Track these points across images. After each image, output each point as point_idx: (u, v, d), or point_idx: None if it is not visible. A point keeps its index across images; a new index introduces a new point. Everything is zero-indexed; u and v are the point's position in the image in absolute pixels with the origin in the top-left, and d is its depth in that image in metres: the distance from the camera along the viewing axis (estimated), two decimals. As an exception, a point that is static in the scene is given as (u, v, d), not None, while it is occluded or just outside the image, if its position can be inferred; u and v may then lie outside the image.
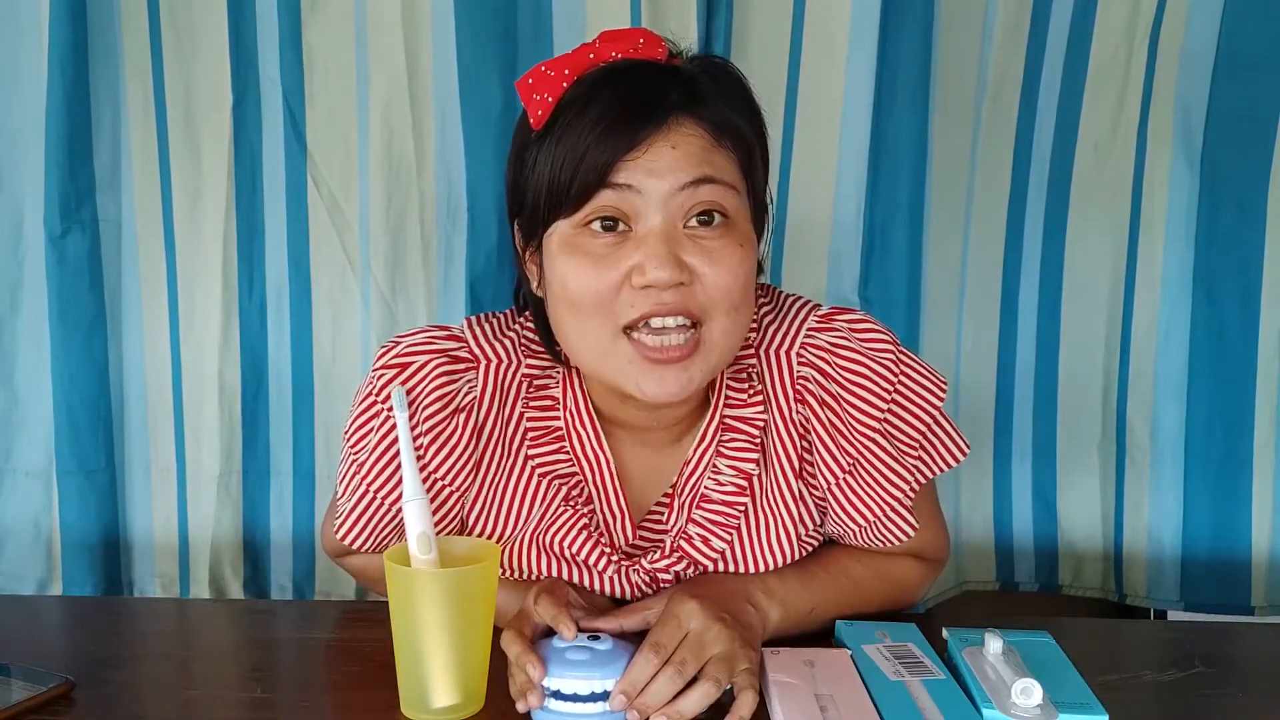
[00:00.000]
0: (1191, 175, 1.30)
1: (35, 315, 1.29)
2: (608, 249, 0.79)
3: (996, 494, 1.42)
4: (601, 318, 0.80)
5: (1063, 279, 1.36)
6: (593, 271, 0.79)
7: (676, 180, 0.78)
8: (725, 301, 0.80)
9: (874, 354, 0.89)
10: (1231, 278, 1.31)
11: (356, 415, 0.92)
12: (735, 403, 0.89)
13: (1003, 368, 1.39)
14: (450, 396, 0.87)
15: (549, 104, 0.81)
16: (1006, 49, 1.31)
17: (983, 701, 0.77)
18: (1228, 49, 1.28)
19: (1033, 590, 1.43)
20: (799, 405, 0.89)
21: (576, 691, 0.76)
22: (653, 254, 0.77)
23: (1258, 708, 0.83)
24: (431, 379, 0.87)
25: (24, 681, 0.80)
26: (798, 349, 0.90)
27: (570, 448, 0.89)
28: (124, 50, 1.27)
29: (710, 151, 0.80)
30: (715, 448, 0.89)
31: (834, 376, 0.88)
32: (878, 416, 0.88)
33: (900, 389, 0.89)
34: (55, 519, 1.31)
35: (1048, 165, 1.34)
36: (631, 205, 0.79)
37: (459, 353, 0.89)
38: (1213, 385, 1.32)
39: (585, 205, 0.79)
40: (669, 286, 0.78)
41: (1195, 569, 1.34)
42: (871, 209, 1.29)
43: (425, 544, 0.78)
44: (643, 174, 0.78)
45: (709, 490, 0.89)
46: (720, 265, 0.79)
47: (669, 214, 0.79)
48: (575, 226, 0.81)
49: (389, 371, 0.88)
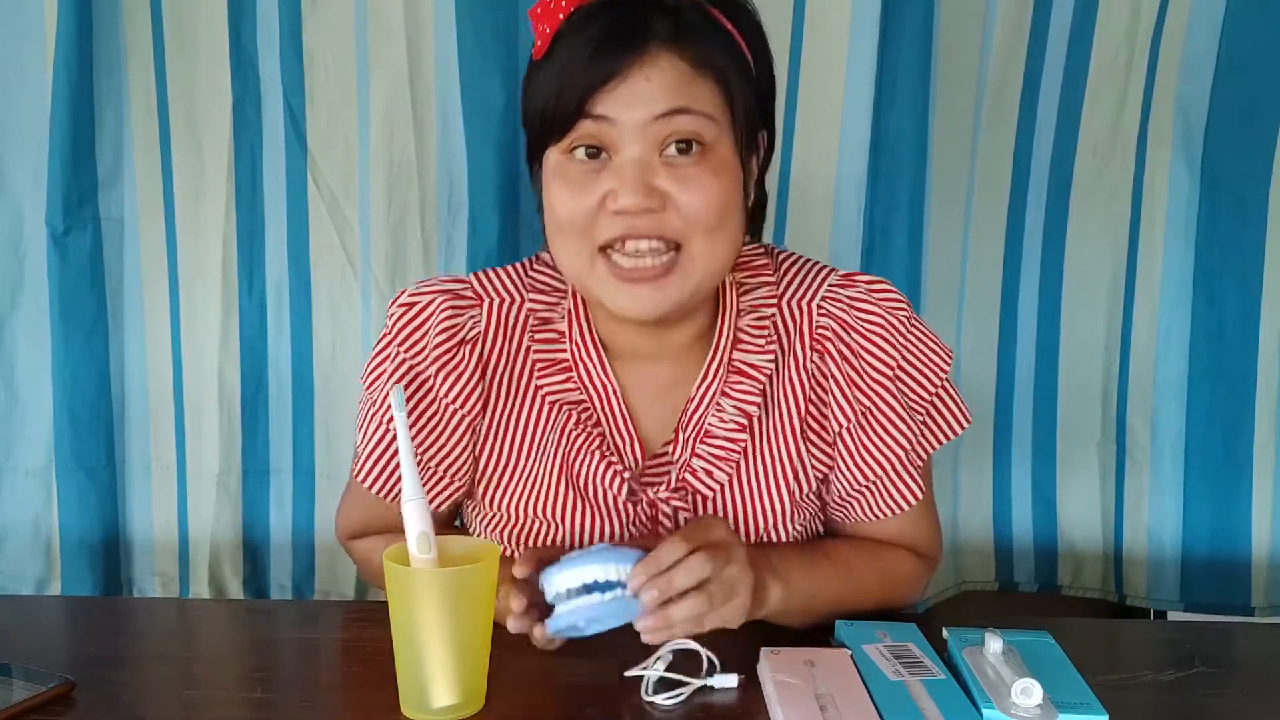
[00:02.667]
0: (1191, 177, 1.30)
1: (36, 314, 1.29)
2: (587, 175, 0.84)
3: (996, 494, 1.42)
4: (581, 239, 0.84)
5: (1062, 280, 1.36)
6: (572, 196, 0.84)
7: (650, 111, 0.81)
8: (700, 224, 0.83)
9: (889, 311, 0.93)
10: (1231, 279, 1.31)
11: (372, 358, 0.96)
12: (748, 348, 0.92)
13: (1002, 368, 1.39)
14: (456, 330, 0.92)
15: (547, 35, 0.85)
16: (1007, 51, 1.31)
17: (983, 701, 0.77)
18: (1229, 51, 1.27)
19: (1032, 590, 1.43)
20: (815, 354, 0.93)
21: (583, 581, 0.77)
22: (624, 181, 0.81)
23: (1258, 708, 0.83)
24: (438, 313, 0.92)
25: (24, 681, 0.80)
26: (819, 301, 0.93)
27: (577, 377, 0.92)
28: (127, 49, 1.27)
29: (688, 83, 0.82)
30: (720, 387, 0.92)
31: (852, 327, 0.92)
32: (889, 371, 0.92)
33: (911, 348, 0.93)
34: (55, 518, 1.32)
35: (1048, 167, 1.34)
36: (609, 136, 0.83)
37: (463, 292, 0.94)
38: (1213, 386, 1.32)
39: (569, 134, 0.84)
40: (639, 212, 0.82)
41: (1195, 569, 1.34)
42: (871, 209, 1.29)
43: (425, 544, 0.78)
44: (618, 106, 0.82)
45: (712, 426, 0.92)
46: (694, 190, 0.82)
47: (644, 143, 0.82)
48: (562, 153, 0.85)
49: (399, 310, 0.93)
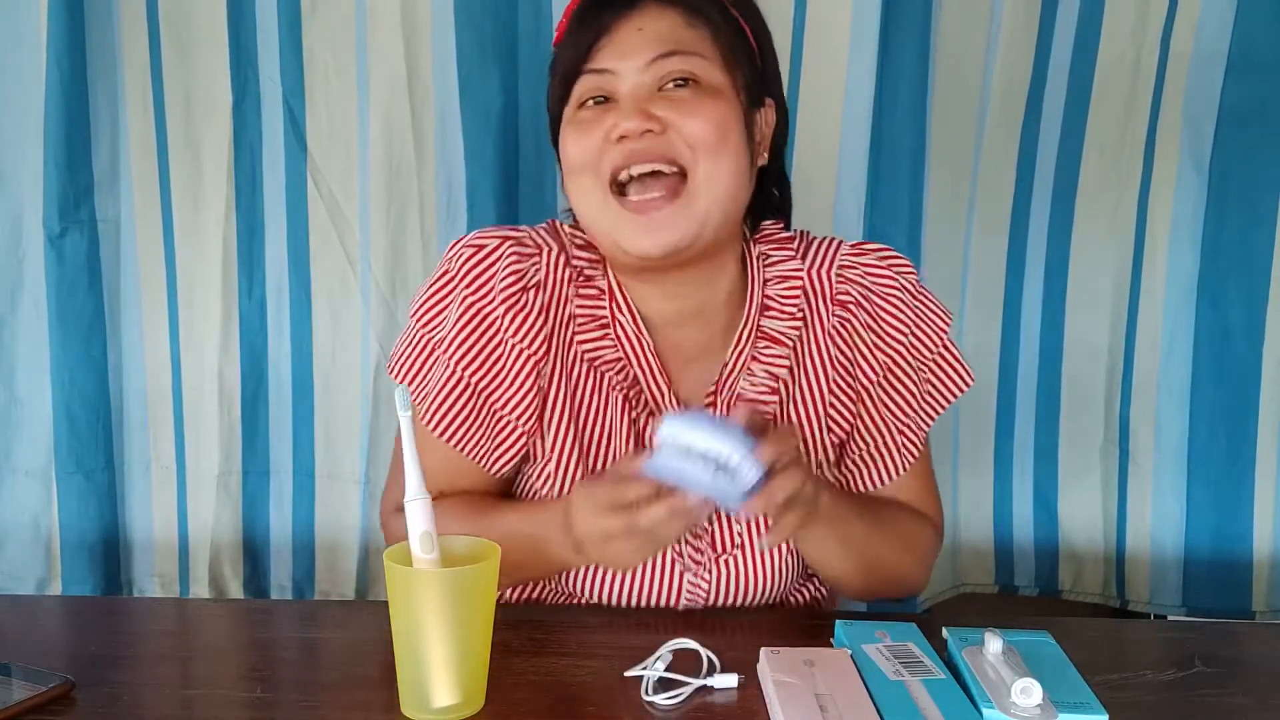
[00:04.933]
0: (1199, 179, 1.30)
1: (35, 315, 1.29)
2: (594, 117, 0.89)
3: (997, 496, 1.41)
4: (591, 175, 0.89)
5: (1067, 282, 1.35)
6: (581, 136, 0.89)
7: (644, 57, 0.87)
8: (701, 144, 0.86)
9: (901, 274, 0.98)
10: (1237, 283, 1.30)
11: (429, 297, 0.95)
12: (775, 315, 0.97)
13: (1005, 370, 1.39)
14: (522, 274, 0.93)
15: (563, 23, 0.92)
16: (1013, 51, 1.30)
17: (983, 701, 0.77)
18: (1239, 51, 1.26)
19: (1032, 594, 1.43)
20: (838, 318, 0.97)
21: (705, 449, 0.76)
22: (623, 109, 0.87)
23: (1258, 708, 0.83)
24: (506, 257, 0.93)
25: (24, 681, 0.80)
26: (837, 269, 0.98)
27: (614, 334, 0.95)
28: (122, 51, 1.27)
29: (677, 29, 0.88)
30: (750, 352, 0.96)
31: (872, 291, 0.97)
32: (905, 330, 0.97)
33: (920, 308, 0.98)
34: (55, 519, 1.32)
35: (1053, 168, 1.33)
36: (610, 85, 0.89)
37: (525, 240, 0.95)
38: (1216, 390, 1.32)
39: (574, 91, 0.90)
40: (639, 135, 0.86)
41: (1197, 573, 1.34)
42: (871, 211, 1.29)
43: (427, 543, 0.78)
44: (614, 57, 0.88)
45: (744, 390, 0.96)
46: (691, 113, 0.86)
47: (642, 81, 0.88)
48: (573, 109, 0.91)
49: (467, 250, 0.93)
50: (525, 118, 1.28)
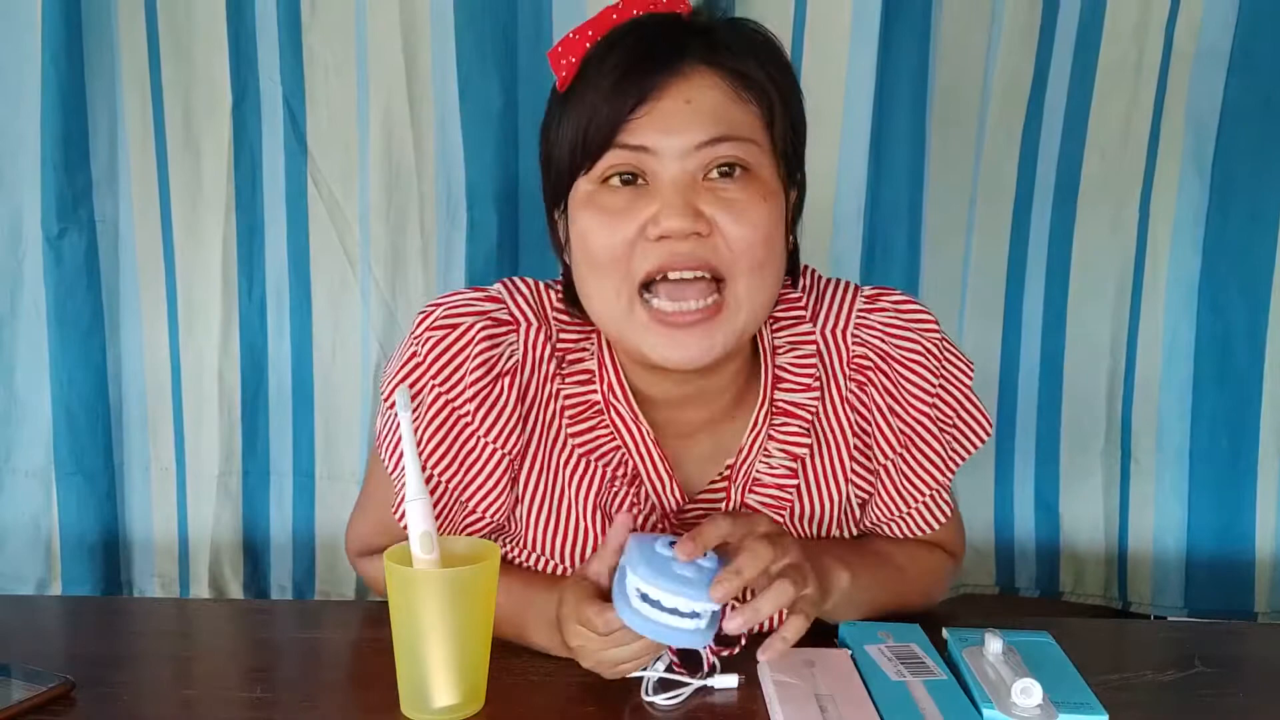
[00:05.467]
0: (1201, 182, 1.29)
1: (34, 316, 1.29)
2: (625, 203, 0.78)
3: (998, 498, 1.41)
4: (619, 275, 0.79)
5: (1069, 284, 1.34)
6: (609, 225, 0.78)
7: (691, 139, 0.77)
8: (748, 256, 0.78)
9: (923, 334, 0.89)
10: (1239, 285, 1.29)
11: (400, 379, 0.87)
12: (790, 387, 0.88)
13: (1005, 371, 1.38)
14: (494, 361, 0.85)
15: (573, 65, 0.80)
16: (1013, 52, 1.29)
17: (983, 701, 0.77)
18: (1242, 50, 1.25)
19: (1033, 595, 1.42)
20: (854, 384, 0.89)
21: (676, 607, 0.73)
22: (668, 203, 0.76)
23: (1258, 708, 0.83)
24: (476, 343, 0.85)
25: (24, 681, 0.80)
26: (852, 329, 0.89)
27: (609, 421, 0.87)
28: (120, 50, 1.27)
29: (729, 106, 0.78)
30: (766, 431, 0.88)
31: (890, 356, 0.89)
32: (928, 397, 0.89)
33: (945, 370, 0.90)
34: (55, 520, 1.31)
35: (1054, 169, 1.33)
36: (647, 164, 0.78)
37: (499, 314, 0.87)
38: (1218, 391, 1.31)
39: (600, 162, 0.79)
40: (685, 236, 0.76)
41: (1199, 575, 1.33)
42: (871, 212, 1.29)
43: (427, 544, 0.78)
44: (656, 133, 0.77)
45: (760, 474, 0.89)
46: (741, 217, 0.77)
47: (686, 167, 0.77)
48: (594, 183, 0.80)
49: (436, 334, 0.86)
50: (525, 118, 1.28)
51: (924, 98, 1.27)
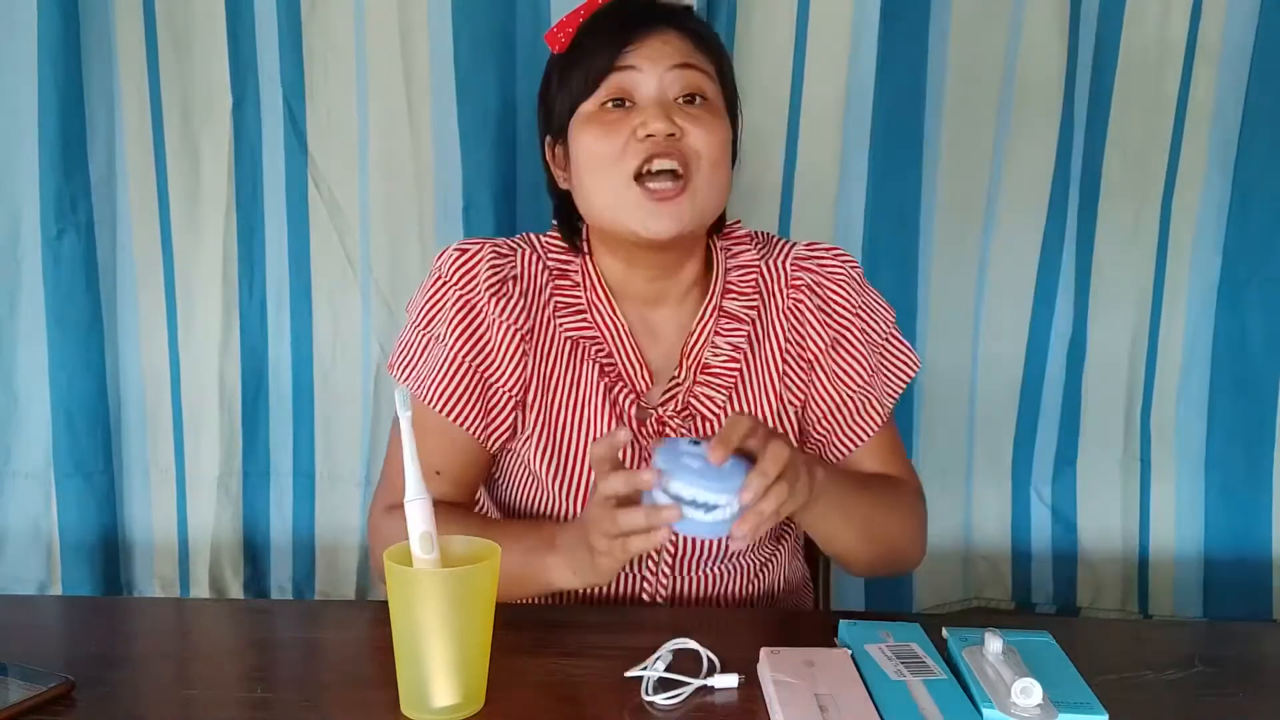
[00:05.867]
0: (1224, 181, 1.28)
1: (33, 317, 1.29)
2: (618, 117, 0.99)
3: (1015, 510, 1.39)
4: (617, 169, 0.98)
5: (1090, 290, 1.33)
6: (607, 133, 0.98)
7: (668, 62, 0.99)
8: (708, 155, 0.99)
9: (848, 266, 1.09)
10: (1259, 288, 1.29)
11: (426, 298, 1.04)
12: (735, 297, 1.08)
13: (1029, 380, 1.36)
14: (501, 268, 1.04)
15: (570, 34, 1.01)
16: (1037, 50, 1.28)
17: (983, 701, 0.77)
18: (1265, 47, 1.24)
19: (1050, 611, 1.41)
20: (792, 298, 1.08)
21: (695, 499, 0.81)
22: (652, 113, 0.97)
23: (1258, 708, 0.83)
24: (487, 260, 1.04)
25: (24, 681, 0.80)
26: (791, 260, 1.10)
27: (591, 317, 1.05)
28: (118, 52, 1.27)
29: (692, 50, 1.01)
30: (714, 328, 1.07)
31: (823, 276, 1.08)
32: (852, 308, 1.07)
33: (865, 295, 1.09)
34: (54, 521, 1.31)
35: (1080, 171, 1.31)
36: (634, 82, 0.99)
37: (500, 247, 1.06)
38: (1235, 398, 1.31)
39: (601, 86, 0.99)
40: (665, 136, 0.97)
41: (1217, 582, 1.33)
42: (871, 210, 1.29)
43: (427, 543, 0.78)
44: (641, 58, 0.99)
45: (708, 360, 1.06)
46: (704, 126, 0.99)
47: (663, 87, 0.99)
48: (595, 105, 1.00)
49: (453, 254, 1.04)
50: (523, 118, 1.28)
51: (922, 96, 1.27)
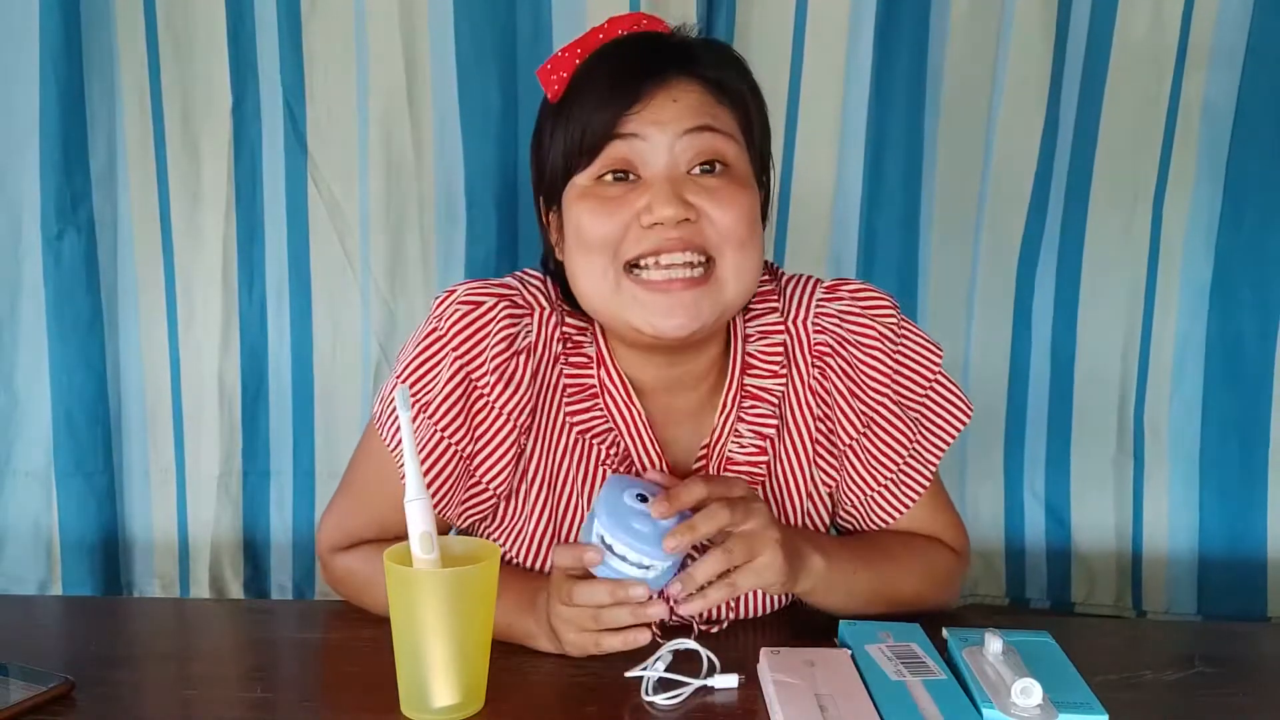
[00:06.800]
0: (1216, 180, 1.28)
1: (33, 317, 1.29)
2: (620, 194, 0.85)
3: (1008, 506, 1.39)
4: (609, 256, 0.85)
5: (1079, 287, 1.33)
6: (605, 213, 0.85)
7: (679, 127, 0.84)
8: (732, 238, 0.85)
9: (877, 319, 0.94)
10: (1251, 287, 1.29)
11: (417, 356, 0.91)
12: (759, 373, 0.95)
13: (1015, 377, 1.36)
14: (513, 338, 0.91)
15: (564, 79, 0.88)
16: (1026, 51, 1.27)
17: (983, 701, 0.77)
18: (1257, 47, 1.24)
19: (1044, 607, 1.40)
20: (816, 370, 0.95)
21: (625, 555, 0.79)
22: (659, 193, 0.83)
23: (1258, 708, 0.83)
24: (499, 320, 0.90)
25: (24, 681, 0.80)
26: (812, 319, 0.95)
27: (604, 404, 0.93)
28: (119, 51, 1.27)
29: (710, 105, 0.86)
30: (736, 413, 0.94)
31: (847, 341, 0.94)
32: (886, 379, 0.94)
33: (903, 352, 0.95)
34: (55, 521, 1.31)
35: (1067, 170, 1.31)
36: (639, 154, 0.85)
37: (517, 299, 0.92)
38: (1229, 395, 1.30)
39: (598, 157, 0.86)
40: (675, 223, 0.83)
41: (1211, 580, 1.33)
42: (871, 210, 1.29)
43: (427, 544, 0.78)
44: (647, 124, 0.84)
45: (733, 453, 0.94)
46: (725, 203, 0.84)
47: (673, 159, 0.85)
48: (591, 179, 0.87)
49: (461, 308, 0.90)
50: (524, 118, 1.28)
51: (922, 96, 1.27)
